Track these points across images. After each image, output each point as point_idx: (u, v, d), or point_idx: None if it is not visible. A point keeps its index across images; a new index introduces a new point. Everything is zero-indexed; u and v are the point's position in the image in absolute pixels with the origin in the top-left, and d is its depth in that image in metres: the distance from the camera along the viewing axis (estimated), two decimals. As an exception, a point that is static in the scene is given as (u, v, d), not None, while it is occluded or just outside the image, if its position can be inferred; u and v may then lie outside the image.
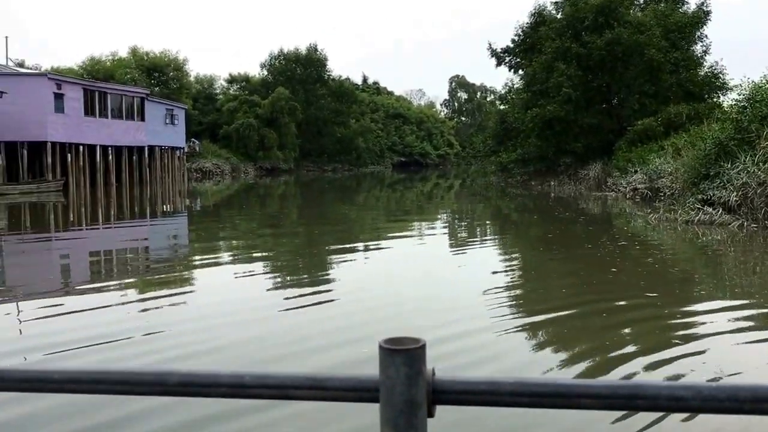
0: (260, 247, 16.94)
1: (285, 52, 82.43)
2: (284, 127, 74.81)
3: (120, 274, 12.86)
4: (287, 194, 45.06)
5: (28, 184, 35.32)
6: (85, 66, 70.51)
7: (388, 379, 1.13)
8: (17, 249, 17.10)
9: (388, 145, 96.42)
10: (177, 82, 72.23)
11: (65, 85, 39.94)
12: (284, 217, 27.09)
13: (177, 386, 1.18)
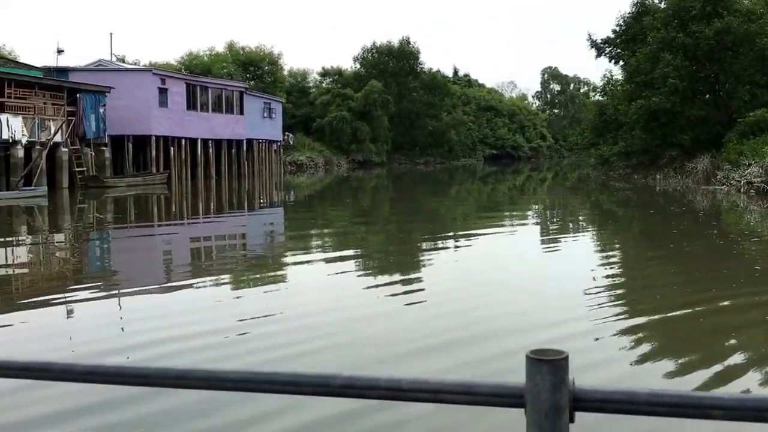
0: (354, 241, 16.92)
1: (378, 45, 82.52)
2: (377, 120, 74.90)
3: (219, 268, 12.97)
4: (379, 187, 45.16)
5: (135, 177, 36.47)
6: (183, 61, 72.52)
7: (535, 386, 1.24)
8: (124, 240, 17.70)
9: (480, 138, 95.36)
10: (272, 76, 73.41)
11: (169, 80, 41.10)
12: (377, 210, 27.18)
13: (341, 388, 1.31)
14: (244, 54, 74.84)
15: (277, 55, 77.60)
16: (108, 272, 12.74)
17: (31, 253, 15.34)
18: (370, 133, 74.48)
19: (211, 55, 74.64)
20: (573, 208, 28.27)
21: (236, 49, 75.89)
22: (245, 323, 8.26)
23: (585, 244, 16.68)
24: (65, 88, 33.28)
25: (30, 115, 30.97)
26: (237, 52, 75.25)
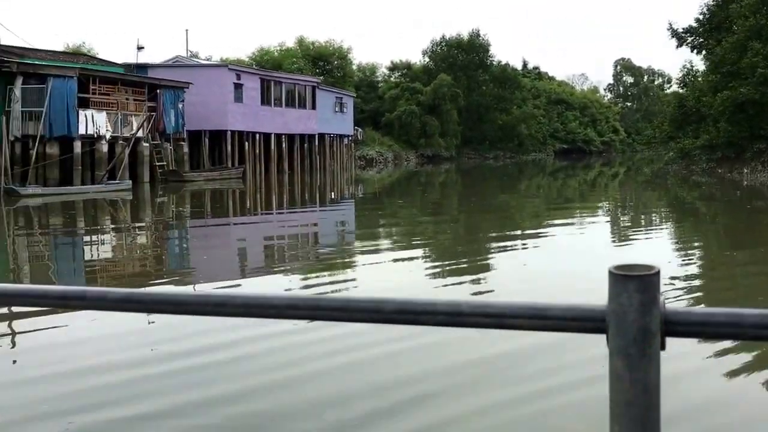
0: (422, 237, 16.85)
1: (447, 38, 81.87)
2: (446, 114, 74.35)
3: (290, 263, 13.16)
4: (448, 182, 45.05)
5: (212, 172, 36.93)
6: (254, 56, 73.34)
7: (620, 306, 1.08)
8: (205, 234, 18.04)
9: (550, 132, 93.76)
10: (341, 70, 73.60)
11: (244, 75, 41.50)
12: (446, 206, 27.00)
13: (394, 313, 1.19)
14: (314, 49, 75.23)
15: (347, 49, 77.78)
16: (189, 266, 12.94)
17: (117, 246, 15.81)
18: (439, 127, 73.99)
19: (282, 51, 75.29)
20: (650, 203, 27.36)
21: (306, 44, 76.35)
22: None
23: (662, 240, 15.99)
24: (146, 84, 33.89)
25: (113, 110, 31.63)
26: (307, 47, 75.69)
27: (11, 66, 29.57)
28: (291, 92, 45.56)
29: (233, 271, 11.95)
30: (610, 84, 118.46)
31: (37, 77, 29.79)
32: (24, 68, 29.73)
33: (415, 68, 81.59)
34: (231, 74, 40.48)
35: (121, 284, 10.73)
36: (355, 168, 56.23)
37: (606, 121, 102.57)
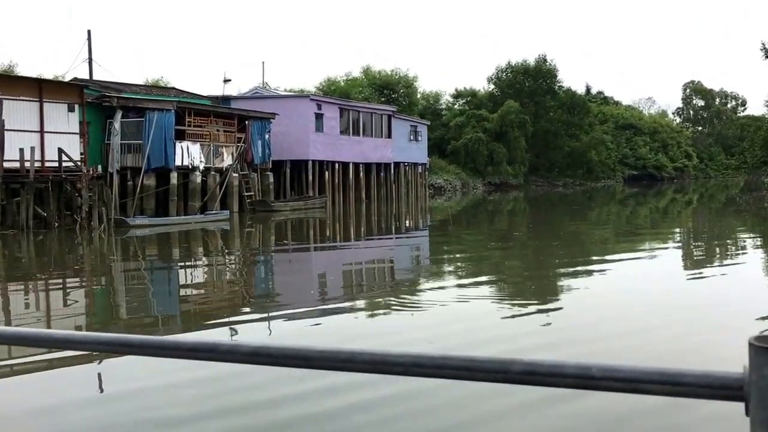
0: (490, 266, 16.91)
1: (513, 64, 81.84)
2: (513, 141, 74.06)
3: (366, 292, 13.31)
4: (517, 210, 44.90)
5: (297, 201, 37.54)
6: (321, 86, 74.54)
7: (763, 378, 1.07)
8: (285, 261, 18.96)
9: (619, 158, 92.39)
10: (407, 98, 74.20)
11: (324, 105, 42.23)
12: (514, 234, 27.00)
13: (521, 374, 1.17)
14: (380, 78, 76.10)
15: (413, 78, 78.47)
16: (290, 295, 13.41)
17: (217, 273, 16.70)
18: (507, 154, 73.68)
19: (348, 80, 76.39)
20: (732, 230, 26.70)
21: (372, 73, 77.27)
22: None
23: (748, 269, 15.62)
24: (236, 116, 34.76)
25: (206, 142, 32.53)
26: (373, 76, 76.59)
27: (112, 101, 30.73)
28: (368, 121, 46.14)
29: (322, 299, 12.54)
30: (678, 108, 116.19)
31: (135, 111, 30.87)
32: (124, 102, 30.85)
33: (480, 95, 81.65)
34: (312, 104, 41.25)
35: (231, 310, 11.55)
36: (426, 196, 56.41)
37: (678, 146, 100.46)
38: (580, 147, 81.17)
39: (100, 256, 20.61)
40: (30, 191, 24.59)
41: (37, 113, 27.14)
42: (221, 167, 33.18)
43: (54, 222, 25.24)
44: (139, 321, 10.89)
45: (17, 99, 26.27)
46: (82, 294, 14.16)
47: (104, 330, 9.99)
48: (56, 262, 18.93)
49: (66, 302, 13.13)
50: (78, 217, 25.22)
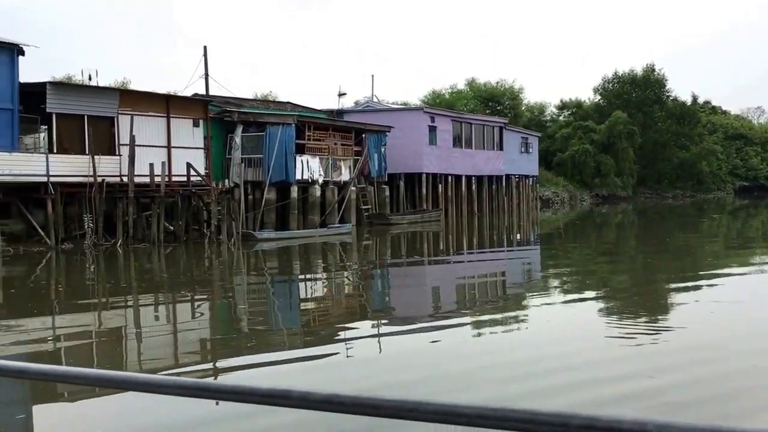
0: (599, 280, 16.76)
1: (619, 74, 79.25)
2: (621, 152, 71.54)
3: (483, 304, 13.52)
4: (626, 223, 44.10)
5: (414, 214, 36.89)
6: (426, 99, 73.99)
7: None
8: (403, 275, 19.25)
9: (729, 169, 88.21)
10: (512, 111, 72.76)
11: (438, 117, 41.45)
12: (622, 248, 26.61)
13: (579, 428, 1.12)
14: (485, 90, 75.03)
15: (518, 89, 77.03)
16: (401, 309, 13.60)
17: (340, 287, 17.11)
18: (615, 166, 71.22)
19: (453, 93, 75.62)
20: None
21: (477, 85, 76.30)
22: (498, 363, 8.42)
23: None
24: (353, 129, 34.36)
25: (325, 156, 32.20)
26: (478, 88, 75.60)
27: (232, 115, 30.76)
28: (479, 133, 45.11)
29: (434, 314, 12.74)
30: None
31: (256, 125, 30.81)
32: (244, 117, 30.85)
33: (586, 106, 79.42)
34: (426, 117, 40.53)
35: (348, 324, 11.68)
36: (537, 209, 55.24)
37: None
38: (690, 158, 77.80)
39: (232, 269, 20.50)
40: (161, 206, 24.66)
41: (164, 129, 27.36)
42: (339, 181, 32.80)
43: (182, 236, 25.26)
44: (260, 334, 11.06)
45: (146, 115, 26.53)
46: (211, 306, 14.40)
47: (232, 344, 10.40)
48: (190, 276, 19.01)
49: (194, 314, 13.56)
50: (207, 231, 25.17)
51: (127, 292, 16.33)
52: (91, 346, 10.43)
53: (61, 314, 13.13)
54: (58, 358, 9.61)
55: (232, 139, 30.72)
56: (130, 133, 25.04)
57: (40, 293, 15.98)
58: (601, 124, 72.52)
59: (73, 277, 18.89)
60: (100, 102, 25.08)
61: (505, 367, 8.39)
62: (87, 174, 23.65)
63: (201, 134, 28.72)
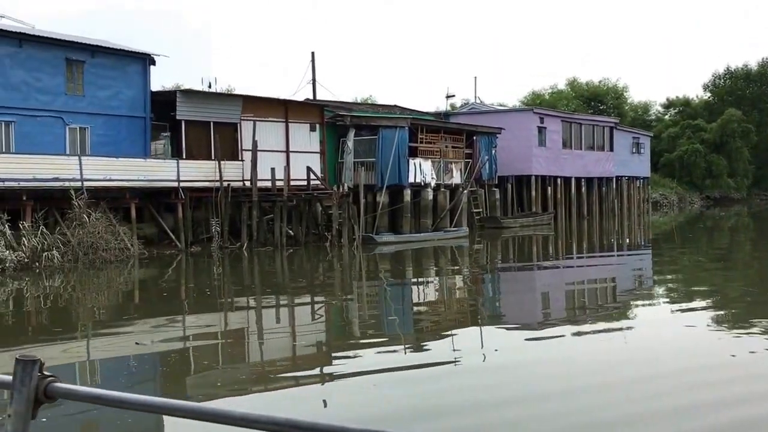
0: (710, 289, 16.10)
1: (732, 69, 75.93)
2: (735, 152, 68.52)
3: (591, 311, 13.21)
4: (739, 226, 42.26)
5: (526, 218, 36.36)
6: (525, 101, 73.01)
7: None
8: (510, 279, 19.22)
9: None
10: (615, 110, 70.90)
11: (547, 118, 40.72)
12: (741, 253, 25.73)
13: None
14: (588, 89, 73.45)
15: (622, 88, 75.07)
16: (511, 315, 13.42)
17: (458, 291, 16.99)
18: (728, 166, 68.26)
19: (553, 93, 74.36)
20: None
21: (578, 85, 74.79)
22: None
23: None
24: (464, 131, 34.16)
25: (436, 158, 32.11)
26: (580, 88, 74.10)
27: (345, 119, 31.06)
28: (589, 134, 44.05)
29: (544, 321, 12.70)
30: None
31: (368, 129, 31.00)
32: (357, 121, 31.08)
33: (694, 104, 76.52)
34: (535, 117, 39.88)
35: (459, 329, 11.65)
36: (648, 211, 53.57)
37: None
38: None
39: (354, 272, 20.65)
40: (284, 209, 25.14)
41: (283, 133, 27.92)
42: (450, 184, 32.64)
43: (302, 239, 25.66)
44: (375, 338, 11.10)
45: (266, 120, 27.13)
46: (334, 309, 14.52)
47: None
48: (314, 279, 19.34)
49: (314, 317, 13.96)
50: (328, 234, 25.49)
51: (252, 293, 16.85)
52: (217, 346, 10.78)
53: (191, 314, 13.74)
54: (186, 357, 10.06)
55: (344, 143, 31.00)
56: (252, 138, 25.67)
57: (172, 294, 16.83)
58: (711, 122, 69.69)
59: (201, 279, 19.51)
60: (225, 108, 25.82)
61: (637, 383, 8.02)
62: (213, 179, 24.37)
63: (317, 138, 29.16)
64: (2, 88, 21.55)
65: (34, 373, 1.59)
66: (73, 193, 20.22)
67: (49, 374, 1.61)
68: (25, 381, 1.59)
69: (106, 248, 20.20)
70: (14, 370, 1.61)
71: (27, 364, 1.61)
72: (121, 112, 24.15)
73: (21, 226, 19.43)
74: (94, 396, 1.65)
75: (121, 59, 24.37)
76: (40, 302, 15.21)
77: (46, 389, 1.60)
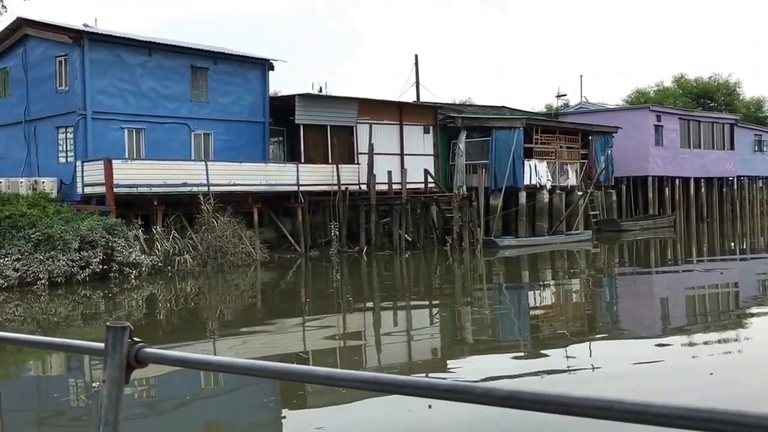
0: None
1: None
2: None
3: (712, 319, 12.80)
4: None
5: (646, 220, 35.00)
6: (629, 99, 70.65)
7: None
8: (626, 283, 18.52)
9: None
10: (726, 107, 67.69)
11: (664, 116, 39.10)
12: None
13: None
14: (696, 86, 70.46)
15: (734, 83, 71.63)
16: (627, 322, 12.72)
17: (583, 295, 16.55)
18: None
19: (659, 91, 71.68)
20: None
21: (685, 81, 71.84)
22: None
23: None
24: (579, 131, 33.11)
25: (551, 159, 31.21)
26: (688, 84, 71.16)
27: (456, 121, 30.56)
28: (709, 132, 42.04)
29: (663, 329, 11.99)
30: None
31: (480, 130, 30.41)
32: (468, 123, 30.55)
33: (815, 98, 72.25)
34: (651, 116, 38.32)
35: (577, 338, 11.03)
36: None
37: None
38: None
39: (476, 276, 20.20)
40: (403, 213, 24.88)
41: (397, 136, 27.68)
42: (566, 185, 31.66)
43: (420, 243, 25.32)
44: (491, 343, 11.01)
45: (381, 123, 26.94)
46: (458, 314, 14.27)
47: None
48: (435, 283, 19.09)
49: (432, 321, 13.88)
50: (448, 238, 25.06)
51: (371, 297, 16.83)
52: (335, 349, 11.02)
53: (310, 316, 13.93)
54: (303, 360, 10.22)
55: (455, 145, 30.50)
56: (369, 141, 25.52)
57: (293, 297, 17.14)
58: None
59: (321, 283, 19.47)
60: (342, 112, 25.77)
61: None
62: (330, 183, 24.32)
63: (431, 141, 28.79)
64: (134, 96, 22.12)
65: (124, 339, 1.63)
66: (201, 198, 20.51)
67: (138, 340, 1.64)
68: (117, 347, 1.63)
69: (234, 252, 20.38)
70: (105, 336, 1.65)
71: (117, 330, 1.64)
72: (241, 117, 24.43)
73: (153, 230, 19.82)
74: (182, 359, 1.73)
75: (242, 65, 24.68)
76: (180, 304, 15.52)
77: (137, 354, 1.64)
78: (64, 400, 8.49)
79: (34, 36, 22.82)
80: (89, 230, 17.75)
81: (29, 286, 16.54)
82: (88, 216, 18.62)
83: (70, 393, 8.68)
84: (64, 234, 17.26)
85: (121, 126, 21.92)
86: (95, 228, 17.91)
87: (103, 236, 17.98)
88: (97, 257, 17.68)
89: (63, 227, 17.48)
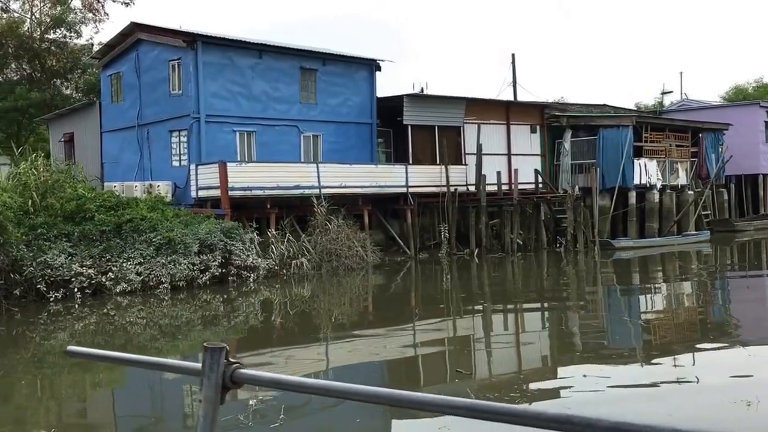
0: None
1: None
2: None
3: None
4: None
5: (761, 220, 33.31)
6: (727, 95, 67.98)
7: None
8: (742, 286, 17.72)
9: None
10: (832, 102, 64.28)
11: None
12: None
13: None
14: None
15: (842, 77, 67.98)
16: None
17: (696, 300, 15.67)
18: None
19: (758, 87, 68.68)
20: None
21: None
22: None
23: None
24: (689, 129, 31.71)
25: (661, 158, 29.95)
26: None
27: (561, 120, 29.64)
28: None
29: None
30: None
31: (585, 129, 29.41)
32: (574, 122, 29.59)
33: None
34: (761, 112, 36.47)
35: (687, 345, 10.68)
36: None
37: None
38: None
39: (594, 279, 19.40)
40: (514, 214, 24.19)
41: (504, 136, 26.99)
42: (676, 185, 30.32)
43: (532, 245, 24.57)
44: (602, 350, 10.63)
45: (488, 123, 26.31)
46: (572, 318, 13.72)
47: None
48: (549, 286, 18.46)
49: (544, 325, 13.39)
50: (561, 239, 24.25)
51: (482, 301, 16.43)
52: (444, 354, 10.87)
53: (420, 321, 13.72)
54: (414, 364, 10.21)
55: (560, 144, 29.59)
56: (477, 142, 24.92)
57: (404, 300, 17.05)
58: None
59: (431, 286, 19.00)
60: (449, 112, 25.24)
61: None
62: (439, 184, 23.82)
63: (538, 140, 27.99)
64: (245, 98, 22.11)
65: (221, 359, 1.62)
66: (314, 200, 20.30)
67: (234, 360, 1.62)
68: (213, 367, 1.62)
69: (348, 255, 20.09)
70: (203, 357, 1.63)
71: (215, 351, 1.63)
72: (349, 118, 24.19)
73: (268, 233, 19.70)
74: (276, 381, 1.69)
75: (349, 66, 24.43)
76: (295, 307, 15.42)
77: (232, 375, 1.62)
78: (176, 406, 8.34)
79: (147, 40, 23.08)
80: (208, 234, 17.67)
81: (152, 290, 16.56)
82: (205, 219, 18.58)
83: (184, 398, 8.49)
84: (184, 238, 17.21)
85: (233, 129, 21.94)
86: (213, 231, 17.83)
87: (221, 240, 17.90)
88: (216, 261, 17.61)
89: (183, 231, 17.43)
